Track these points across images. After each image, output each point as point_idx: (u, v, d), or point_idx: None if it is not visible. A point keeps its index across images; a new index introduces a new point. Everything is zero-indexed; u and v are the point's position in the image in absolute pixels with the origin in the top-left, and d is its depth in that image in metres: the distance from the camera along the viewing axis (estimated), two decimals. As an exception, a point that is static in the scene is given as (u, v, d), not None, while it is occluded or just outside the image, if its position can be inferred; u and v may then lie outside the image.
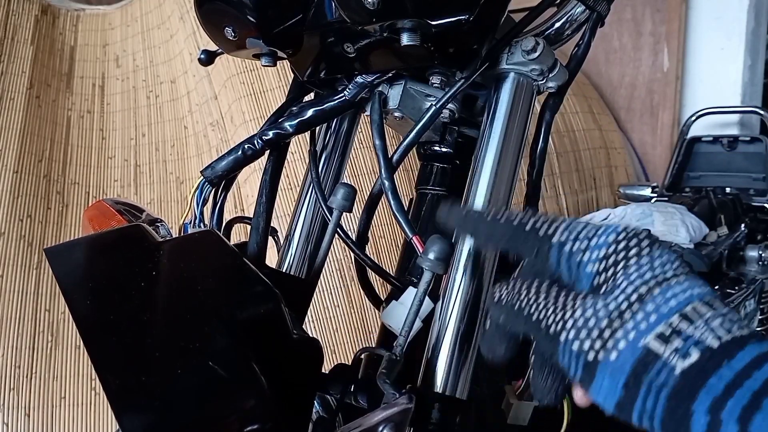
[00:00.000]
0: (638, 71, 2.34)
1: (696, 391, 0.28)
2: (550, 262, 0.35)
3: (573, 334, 0.31)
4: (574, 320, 0.32)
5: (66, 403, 1.40)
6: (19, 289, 1.46)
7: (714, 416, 0.27)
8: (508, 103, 0.51)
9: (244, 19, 0.50)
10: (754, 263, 1.43)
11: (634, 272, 0.32)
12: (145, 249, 0.43)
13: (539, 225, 0.35)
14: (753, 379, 0.27)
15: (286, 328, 0.42)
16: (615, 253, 0.33)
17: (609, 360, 0.30)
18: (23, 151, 1.60)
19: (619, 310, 0.31)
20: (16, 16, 1.78)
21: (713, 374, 0.28)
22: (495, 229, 0.37)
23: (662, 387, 0.29)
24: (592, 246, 0.34)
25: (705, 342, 0.29)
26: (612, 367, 0.30)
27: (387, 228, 1.40)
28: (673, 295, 0.31)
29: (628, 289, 0.31)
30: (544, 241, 0.35)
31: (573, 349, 0.31)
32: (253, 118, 1.51)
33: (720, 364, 0.28)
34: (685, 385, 0.28)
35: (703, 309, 0.30)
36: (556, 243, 0.35)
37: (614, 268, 0.33)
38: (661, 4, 2.24)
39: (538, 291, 0.34)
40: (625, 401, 0.30)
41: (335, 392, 0.51)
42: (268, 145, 0.55)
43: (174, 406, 0.35)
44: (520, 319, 0.34)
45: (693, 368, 0.28)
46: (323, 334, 1.36)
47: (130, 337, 0.38)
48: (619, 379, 0.30)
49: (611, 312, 0.31)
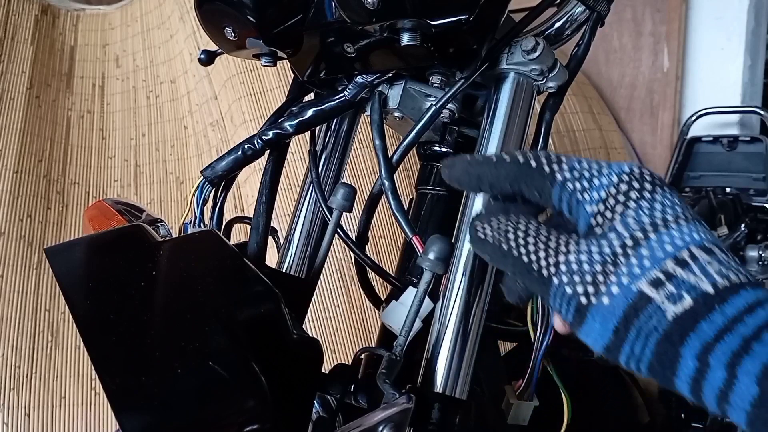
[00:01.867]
0: (638, 71, 2.34)
1: (686, 335, 0.28)
2: (552, 201, 0.34)
3: (566, 279, 0.31)
4: (567, 264, 0.31)
5: (66, 403, 1.40)
6: (19, 289, 1.46)
7: (702, 361, 0.27)
8: (508, 103, 0.51)
9: (244, 19, 0.50)
10: (754, 263, 1.43)
11: (632, 215, 0.31)
12: (145, 249, 0.43)
13: (544, 162, 0.35)
14: (745, 324, 0.27)
15: (286, 328, 0.42)
16: (616, 194, 0.32)
17: (601, 304, 0.30)
18: (23, 151, 1.60)
19: (613, 253, 0.30)
20: (16, 16, 1.78)
21: (705, 319, 0.28)
22: (500, 170, 0.36)
23: (652, 332, 0.28)
24: (595, 186, 0.33)
25: (699, 287, 0.28)
26: (604, 311, 0.30)
27: (387, 228, 1.40)
28: (670, 240, 0.30)
29: (625, 232, 0.31)
30: (548, 178, 0.34)
31: (565, 292, 0.31)
32: (253, 118, 1.51)
33: (712, 309, 0.28)
34: (675, 330, 0.28)
35: (701, 254, 0.29)
36: (560, 181, 0.34)
37: (613, 210, 0.32)
38: (661, 4, 2.24)
39: (527, 231, 0.34)
40: (614, 345, 0.30)
41: (335, 392, 0.51)
42: (268, 145, 0.55)
43: (174, 406, 0.35)
44: (508, 260, 0.33)
45: (685, 313, 0.28)
46: (323, 334, 1.36)
47: (130, 337, 0.38)
48: (610, 323, 0.29)
49: (605, 256, 0.30)
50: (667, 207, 0.31)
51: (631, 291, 0.29)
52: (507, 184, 0.36)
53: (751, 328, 0.27)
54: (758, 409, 0.25)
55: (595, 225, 0.32)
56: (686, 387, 0.28)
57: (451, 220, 0.51)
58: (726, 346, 0.27)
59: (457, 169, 0.38)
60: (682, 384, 0.28)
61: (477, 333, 0.47)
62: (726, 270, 0.29)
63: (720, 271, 0.29)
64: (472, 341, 0.47)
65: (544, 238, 0.33)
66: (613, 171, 0.33)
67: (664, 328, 0.28)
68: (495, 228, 0.35)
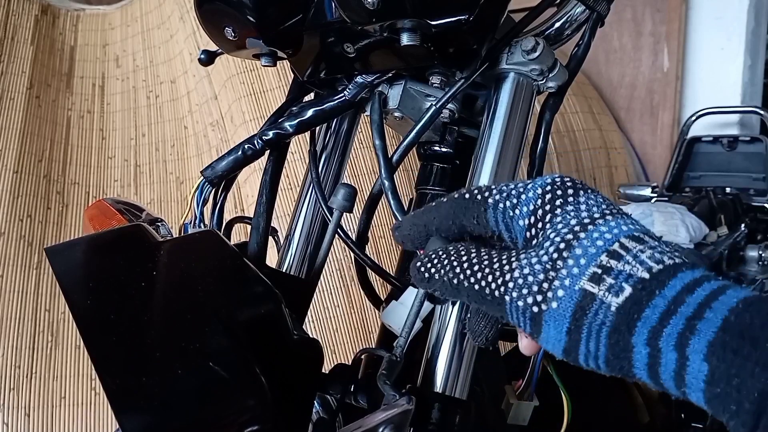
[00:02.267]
0: (638, 71, 2.34)
1: (633, 324, 0.28)
2: (490, 225, 0.36)
3: (516, 294, 0.32)
4: (513, 280, 0.32)
5: (66, 403, 1.40)
6: (19, 289, 1.46)
7: (653, 346, 0.28)
8: (508, 103, 0.51)
9: (244, 19, 0.50)
10: (754, 263, 1.43)
11: (560, 221, 0.33)
12: (146, 249, 0.43)
13: (476, 192, 0.37)
14: (686, 304, 0.28)
15: (287, 329, 0.42)
16: (543, 204, 0.34)
17: (551, 309, 0.31)
18: (23, 151, 1.60)
19: (551, 260, 0.31)
20: (16, 16, 1.78)
21: (647, 306, 0.28)
22: (441, 211, 0.38)
23: (601, 326, 0.29)
24: (523, 201, 0.34)
25: (636, 275, 0.29)
26: (554, 315, 0.30)
27: (387, 228, 1.40)
28: (599, 235, 0.31)
29: (557, 238, 0.32)
30: (482, 204, 0.36)
31: (518, 306, 0.32)
32: (253, 118, 1.51)
33: (653, 295, 0.28)
34: (622, 321, 0.29)
35: (631, 244, 0.30)
36: (491, 204, 0.36)
37: (543, 220, 0.33)
38: (661, 4, 2.24)
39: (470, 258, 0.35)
40: (570, 347, 0.31)
41: (335, 392, 0.51)
42: (268, 145, 0.55)
43: (174, 407, 0.35)
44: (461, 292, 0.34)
45: (627, 302, 0.29)
46: (323, 334, 1.36)
47: (131, 337, 0.38)
48: (562, 326, 0.30)
49: (545, 264, 0.31)
50: (592, 206, 0.33)
51: (574, 291, 0.30)
52: (450, 222, 0.37)
53: (692, 308, 0.27)
54: (710, 386, 0.26)
55: (531, 237, 0.34)
56: (645, 375, 0.29)
57: (451, 220, 0.51)
58: (672, 328, 0.27)
59: (405, 227, 0.40)
60: (641, 373, 0.29)
61: (477, 333, 0.47)
62: (660, 255, 0.30)
63: (653, 256, 0.30)
64: (472, 341, 0.47)
65: (487, 260, 0.34)
66: (537, 184, 0.35)
67: (611, 321, 0.29)
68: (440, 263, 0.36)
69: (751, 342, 0.25)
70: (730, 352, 0.26)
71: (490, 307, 0.33)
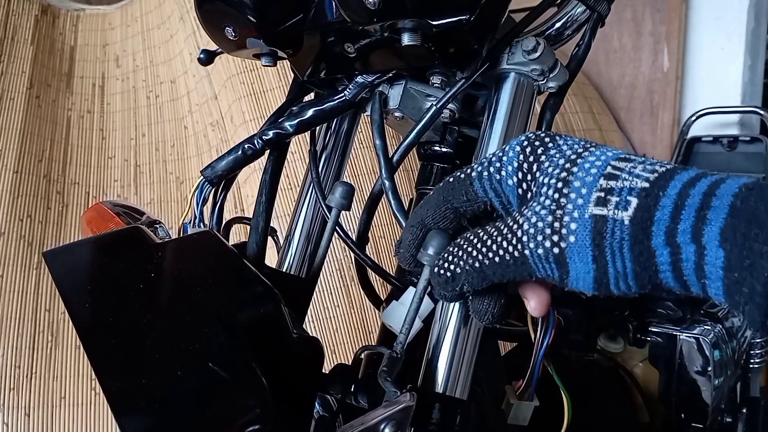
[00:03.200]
0: (638, 71, 2.34)
1: (649, 230, 0.29)
2: (480, 197, 0.37)
3: (533, 244, 0.32)
4: (525, 233, 0.33)
5: (66, 403, 1.40)
6: (19, 289, 1.46)
7: (672, 245, 0.29)
8: (509, 103, 0.51)
9: (245, 19, 0.50)
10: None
11: (548, 165, 0.34)
12: (144, 250, 0.43)
13: (457, 173, 0.38)
14: (691, 197, 0.29)
15: (286, 328, 0.42)
16: (525, 159, 0.35)
17: (571, 244, 0.31)
18: (23, 151, 1.60)
19: (553, 200, 0.32)
20: (16, 16, 1.78)
21: (656, 209, 0.29)
22: (431, 202, 0.39)
23: (622, 243, 0.30)
24: (505, 161, 0.35)
25: (637, 187, 0.30)
26: (576, 248, 0.31)
27: (387, 228, 1.40)
28: (590, 165, 0.32)
29: (551, 180, 0.33)
30: (466, 180, 0.37)
31: (539, 254, 0.32)
32: (253, 118, 1.51)
33: (658, 198, 0.29)
34: (638, 231, 0.30)
35: (622, 164, 0.32)
36: (475, 176, 0.36)
37: (530, 171, 0.34)
38: (661, 4, 2.24)
39: (479, 238, 0.35)
40: (600, 274, 0.31)
41: (336, 392, 0.51)
42: (268, 145, 0.55)
43: (174, 408, 0.35)
44: (488, 273, 0.35)
45: (637, 212, 0.30)
46: (323, 334, 1.36)
47: (130, 340, 0.38)
48: (587, 255, 0.31)
49: (549, 206, 0.32)
50: (573, 145, 0.34)
51: (585, 220, 0.31)
52: (442, 208, 0.38)
53: (698, 199, 0.29)
54: (728, 272, 0.27)
55: (524, 192, 0.35)
56: (671, 277, 0.30)
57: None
58: (685, 223, 0.28)
59: (405, 236, 0.40)
60: (667, 276, 0.30)
61: (477, 333, 0.47)
62: (651, 166, 0.31)
63: (645, 168, 0.31)
64: (472, 341, 0.47)
65: (495, 231, 0.35)
66: (513, 144, 0.36)
67: (629, 234, 0.30)
68: (455, 257, 0.36)
69: (758, 224, 0.26)
70: (740, 236, 0.26)
71: (518, 272, 0.34)
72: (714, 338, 0.84)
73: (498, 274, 0.34)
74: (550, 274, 0.33)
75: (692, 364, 0.83)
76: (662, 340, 0.85)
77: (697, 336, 0.83)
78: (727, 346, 0.87)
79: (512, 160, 0.35)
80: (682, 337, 0.83)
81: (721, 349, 0.85)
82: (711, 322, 0.90)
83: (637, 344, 0.86)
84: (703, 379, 0.83)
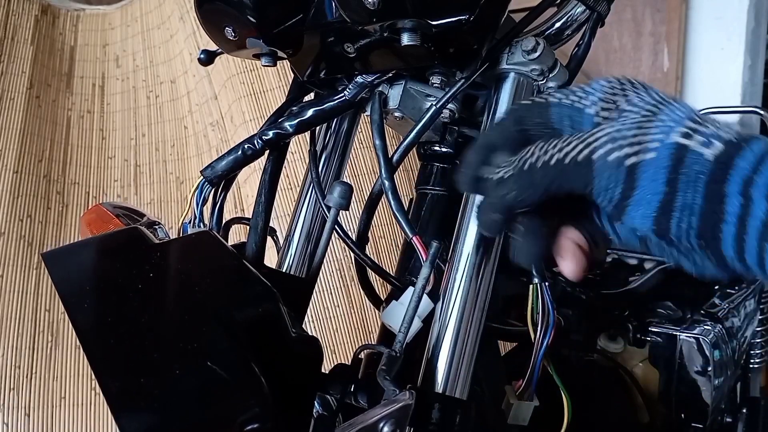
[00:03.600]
0: (638, 71, 2.34)
1: (727, 173, 0.29)
2: (554, 124, 0.36)
3: (607, 148, 0.31)
4: (600, 138, 0.32)
5: (66, 403, 1.40)
6: (19, 289, 1.46)
7: (746, 195, 0.28)
8: (509, 103, 0.51)
9: (244, 19, 0.50)
10: (755, 263, 1.42)
11: (637, 99, 0.34)
12: (143, 251, 0.43)
13: (536, 97, 0.38)
14: None
15: (286, 328, 0.42)
16: (612, 92, 0.35)
17: (647, 159, 0.30)
18: (23, 151, 1.60)
19: (638, 122, 0.32)
20: (16, 16, 1.78)
21: (738, 156, 0.29)
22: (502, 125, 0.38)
23: (698, 176, 0.29)
24: (589, 91, 0.35)
25: (723, 137, 0.30)
26: (653, 164, 0.30)
27: (387, 228, 1.40)
28: (678, 108, 0.32)
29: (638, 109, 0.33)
30: (543, 105, 0.36)
31: (609, 161, 0.31)
32: (253, 118, 1.51)
33: (741, 148, 0.29)
34: (718, 170, 0.29)
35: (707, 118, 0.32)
36: (554, 102, 0.36)
37: (614, 102, 0.34)
38: (661, 4, 2.24)
39: (549, 142, 0.34)
40: (667, 200, 0.30)
41: (335, 392, 0.51)
42: (268, 145, 0.55)
43: (174, 408, 0.35)
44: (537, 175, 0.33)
45: (721, 154, 0.29)
46: (323, 334, 1.36)
47: (129, 340, 0.37)
48: (662, 175, 0.30)
49: (633, 125, 0.32)
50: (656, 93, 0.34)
51: (669, 143, 0.30)
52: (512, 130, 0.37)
53: None
54: None
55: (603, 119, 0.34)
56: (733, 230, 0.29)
57: (451, 220, 0.51)
58: (763, 177, 0.28)
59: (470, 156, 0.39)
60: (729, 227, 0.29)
61: (477, 333, 0.47)
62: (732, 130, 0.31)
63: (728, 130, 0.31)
64: (472, 341, 0.47)
65: (566, 137, 0.34)
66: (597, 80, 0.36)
67: (708, 170, 0.29)
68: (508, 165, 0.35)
69: None
70: None
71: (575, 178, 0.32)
72: (714, 338, 0.84)
73: (549, 177, 0.33)
74: (612, 186, 0.31)
75: (692, 364, 0.83)
76: (662, 340, 0.85)
77: (697, 336, 0.83)
78: (727, 346, 0.87)
79: (596, 91, 0.35)
80: (682, 337, 0.83)
81: (721, 349, 0.85)
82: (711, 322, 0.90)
83: (637, 344, 0.86)
84: (703, 379, 0.83)
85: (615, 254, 1.31)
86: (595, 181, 0.32)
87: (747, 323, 1.16)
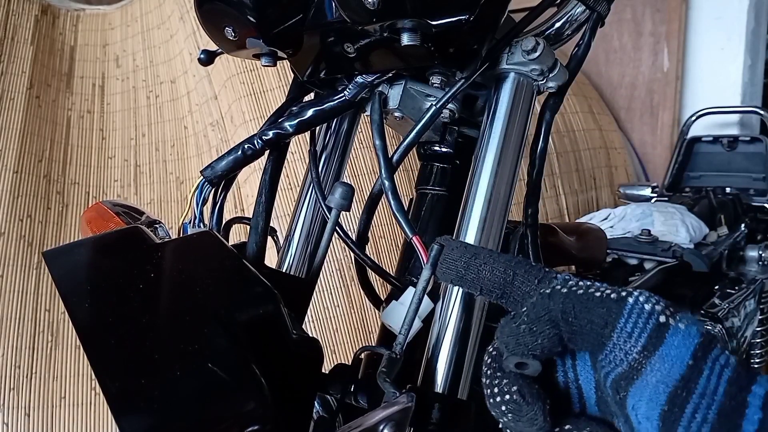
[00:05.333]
0: (638, 71, 2.34)
1: (752, 381, 0.28)
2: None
3: (644, 297, 0.31)
4: (635, 293, 0.31)
5: (66, 403, 1.40)
6: (19, 289, 1.46)
7: (765, 414, 0.27)
8: (508, 103, 0.51)
9: (244, 19, 0.50)
10: (754, 263, 1.43)
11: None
12: (143, 251, 0.43)
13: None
14: None
15: (286, 329, 0.42)
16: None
17: (679, 327, 0.30)
18: (23, 151, 1.60)
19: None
20: (16, 16, 1.78)
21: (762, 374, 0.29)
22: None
23: (723, 369, 0.29)
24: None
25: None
26: (683, 333, 0.30)
27: (387, 228, 1.40)
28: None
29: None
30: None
31: (644, 308, 0.30)
32: (253, 118, 1.51)
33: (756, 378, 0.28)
34: (743, 373, 0.28)
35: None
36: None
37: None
38: (661, 4, 2.24)
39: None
40: (691, 374, 0.29)
41: (335, 392, 0.51)
42: (268, 145, 0.55)
43: (173, 409, 0.35)
44: (569, 297, 0.32)
45: (740, 366, 0.29)
46: (323, 334, 1.36)
47: (129, 340, 0.37)
48: (691, 344, 0.29)
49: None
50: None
51: (695, 330, 0.30)
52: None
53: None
54: None
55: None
56: None
57: (451, 220, 0.51)
58: None
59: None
60: None
61: (477, 333, 0.47)
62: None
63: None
64: (472, 341, 0.47)
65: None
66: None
67: (733, 367, 0.29)
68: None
69: None
70: None
71: (599, 305, 0.31)
72: (714, 338, 0.84)
73: (582, 302, 0.32)
74: (636, 331, 0.30)
75: (692, 364, 0.83)
76: (662, 340, 0.84)
77: (697, 336, 0.83)
78: (727, 346, 0.87)
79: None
80: (682, 337, 0.83)
81: (721, 349, 0.85)
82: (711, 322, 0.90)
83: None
84: (703, 379, 0.83)
85: (615, 254, 1.31)
86: (621, 319, 0.31)
87: (747, 323, 1.16)
